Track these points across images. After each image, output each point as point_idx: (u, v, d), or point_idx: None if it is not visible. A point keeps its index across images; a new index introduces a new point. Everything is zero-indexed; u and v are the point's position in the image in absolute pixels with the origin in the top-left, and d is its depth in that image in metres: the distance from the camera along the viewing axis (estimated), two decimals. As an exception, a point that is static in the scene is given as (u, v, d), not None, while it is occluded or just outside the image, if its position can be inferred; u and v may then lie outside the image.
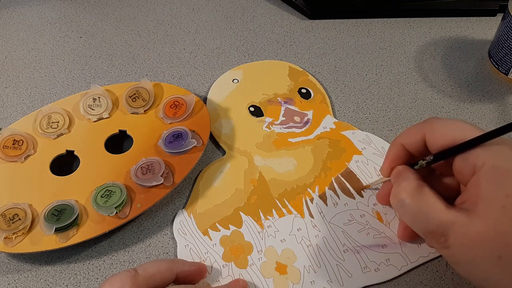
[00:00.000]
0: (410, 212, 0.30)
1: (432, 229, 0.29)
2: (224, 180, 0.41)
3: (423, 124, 0.33)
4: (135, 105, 0.43)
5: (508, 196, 0.27)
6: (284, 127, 0.44)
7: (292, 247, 0.37)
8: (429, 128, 0.32)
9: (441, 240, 0.28)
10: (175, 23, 0.56)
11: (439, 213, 0.29)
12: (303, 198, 0.40)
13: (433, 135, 0.31)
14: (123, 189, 0.38)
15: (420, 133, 0.32)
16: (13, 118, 0.47)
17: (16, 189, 0.39)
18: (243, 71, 0.50)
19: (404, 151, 0.34)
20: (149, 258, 0.37)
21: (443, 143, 0.31)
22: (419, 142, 0.33)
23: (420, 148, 0.33)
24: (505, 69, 0.48)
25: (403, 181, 0.31)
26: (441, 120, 0.32)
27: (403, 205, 0.31)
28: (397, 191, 0.31)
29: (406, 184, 0.31)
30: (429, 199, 0.30)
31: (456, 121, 0.31)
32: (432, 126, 0.32)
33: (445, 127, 0.31)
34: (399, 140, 0.34)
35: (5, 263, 0.37)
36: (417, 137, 0.33)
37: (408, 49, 0.52)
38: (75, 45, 0.54)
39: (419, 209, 0.30)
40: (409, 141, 0.33)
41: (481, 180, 0.28)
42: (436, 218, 0.29)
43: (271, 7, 0.58)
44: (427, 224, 0.29)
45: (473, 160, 0.29)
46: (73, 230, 0.36)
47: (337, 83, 0.49)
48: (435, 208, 0.29)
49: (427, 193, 0.30)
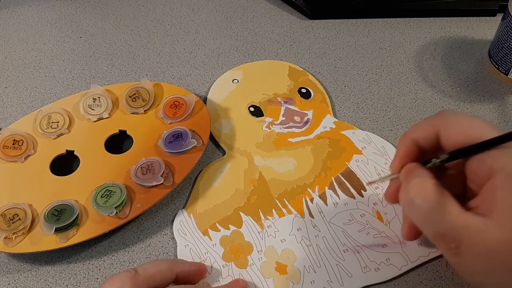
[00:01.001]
0: (421, 211, 0.28)
1: (444, 231, 0.27)
2: (224, 180, 0.41)
3: (437, 118, 0.30)
4: (135, 105, 0.43)
5: None
6: (284, 127, 0.44)
7: (292, 247, 0.37)
8: (443, 123, 0.30)
9: (452, 245, 0.27)
10: (175, 23, 0.56)
11: (453, 215, 0.26)
12: (303, 198, 0.40)
13: (448, 130, 0.29)
14: (123, 189, 0.38)
15: (434, 128, 0.30)
16: (13, 118, 0.47)
17: (16, 189, 0.39)
18: (243, 71, 0.50)
19: (415, 147, 0.31)
20: (149, 258, 0.37)
21: (459, 140, 0.29)
22: (432, 138, 0.30)
23: (433, 143, 0.31)
24: (505, 69, 0.48)
25: (415, 178, 0.29)
26: (457, 116, 0.30)
27: (414, 204, 0.28)
28: (409, 188, 0.29)
29: (419, 181, 0.29)
30: (442, 199, 0.27)
31: (473, 118, 0.29)
32: (447, 121, 0.30)
33: (462, 124, 0.29)
34: (410, 134, 0.31)
35: (5, 263, 0.37)
36: (430, 132, 0.30)
37: (408, 49, 0.52)
38: (75, 45, 0.54)
39: (432, 209, 0.27)
40: (422, 135, 0.31)
41: (498, 185, 0.26)
42: (449, 219, 0.26)
43: (271, 7, 0.58)
44: (439, 226, 0.27)
45: (491, 163, 0.27)
46: (73, 230, 0.36)
47: (337, 83, 0.49)
48: (449, 209, 0.27)
49: (441, 192, 0.28)
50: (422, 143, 0.31)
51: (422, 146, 0.31)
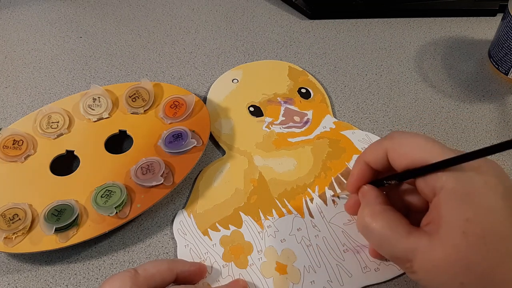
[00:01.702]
0: (374, 237, 0.30)
1: (397, 254, 0.29)
2: (224, 180, 0.41)
3: (385, 140, 0.32)
4: (135, 105, 0.43)
5: (468, 221, 0.26)
6: (284, 127, 0.44)
7: (292, 247, 0.37)
8: (390, 145, 0.31)
9: (408, 265, 0.28)
10: (175, 23, 0.56)
11: (402, 238, 0.28)
12: (303, 198, 0.40)
13: (394, 153, 0.31)
14: (123, 189, 0.38)
15: (382, 150, 0.31)
16: (13, 118, 0.47)
17: (16, 189, 0.39)
18: (243, 71, 0.50)
19: (368, 168, 0.33)
20: (149, 258, 0.37)
21: (403, 162, 0.30)
22: (382, 159, 0.32)
23: (384, 164, 0.32)
24: (505, 69, 0.48)
25: (367, 206, 0.31)
26: (402, 137, 0.31)
27: (368, 230, 0.30)
28: (362, 215, 0.31)
29: (370, 208, 0.31)
30: (392, 224, 0.29)
31: (417, 138, 0.30)
32: (393, 143, 0.31)
33: (405, 146, 0.30)
34: (362, 157, 0.33)
35: (5, 263, 0.37)
36: (380, 154, 0.32)
37: (408, 49, 0.52)
38: (75, 45, 0.54)
39: (383, 234, 0.29)
40: (373, 158, 0.32)
41: (441, 203, 0.28)
42: (399, 244, 0.28)
43: (271, 7, 0.58)
44: (392, 250, 0.29)
45: (433, 182, 0.28)
46: (73, 230, 0.36)
47: (337, 83, 0.49)
48: (398, 233, 0.29)
49: (390, 217, 0.30)
50: (374, 165, 0.33)
51: (375, 168, 0.33)
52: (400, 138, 0.31)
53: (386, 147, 0.31)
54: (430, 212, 0.29)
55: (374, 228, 0.30)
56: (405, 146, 0.30)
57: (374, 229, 0.30)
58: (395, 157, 0.31)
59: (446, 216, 0.27)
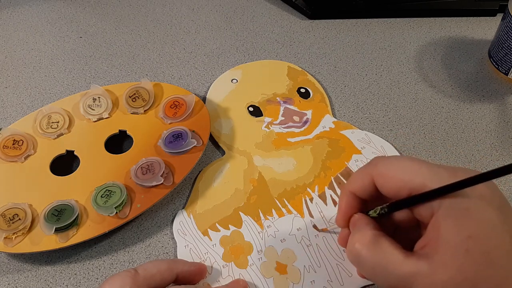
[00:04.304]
0: (367, 267, 0.28)
1: (394, 282, 0.27)
2: (223, 180, 0.41)
3: (369, 167, 0.30)
4: (135, 105, 0.43)
5: (470, 238, 0.25)
6: (283, 126, 0.44)
7: (292, 247, 0.37)
8: (376, 171, 0.30)
9: None
10: (175, 23, 0.56)
11: (398, 265, 0.27)
12: (303, 198, 0.40)
13: (381, 178, 0.29)
14: (123, 189, 0.38)
15: (368, 178, 0.30)
16: (13, 118, 0.47)
17: (16, 189, 0.39)
18: (242, 71, 0.50)
19: (355, 199, 0.31)
20: (149, 258, 0.37)
21: (393, 186, 0.29)
22: (369, 187, 0.30)
23: (371, 192, 0.30)
24: (505, 69, 0.48)
25: (357, 232, 0.29)
26: (386, 161, 0.30)
27: (360, 259, 0.28)
28: (352, 243, 0.29)
29: (360, 235, 0.29)
30: (386, 250, 0.27)
31: (402, 160, 0.29)
32: (379, 169, 0.30)
33: (392, 169, 0.29)
34: (347, 187, 0.31)
35: (5, 263, 0.37)
36: (366, 182, 0.30)
37: (408, 49, 0.52)
38: (75, 45, 0.54)
39: (376, 263, 0.27)
40: (359, 187, 0.31)
41: (440, 221, 0.26)
42: (396, 271, 0.27)
43: (271, 7, 0.58)
44: (388, 277, 0.27)
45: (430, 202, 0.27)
46: (73, 230, 0.36)
47: (337, 83, 0.49)
48: (393, 259, 0.27)
49: (383, 243, 0.28)
50: (361, 195, 0.31)
51: (362, 197, 0.31)
52: (385, 163, 0.30)
53: (371, 174, 0.30)
54: (427, 234, 0.27)
55: (366, 255, 0.28)
56: (392, 169, 0.29)
57: (366, 256, 0.28)
58: (383, 182, 0.29)
59: (446, 235, 0.26)
